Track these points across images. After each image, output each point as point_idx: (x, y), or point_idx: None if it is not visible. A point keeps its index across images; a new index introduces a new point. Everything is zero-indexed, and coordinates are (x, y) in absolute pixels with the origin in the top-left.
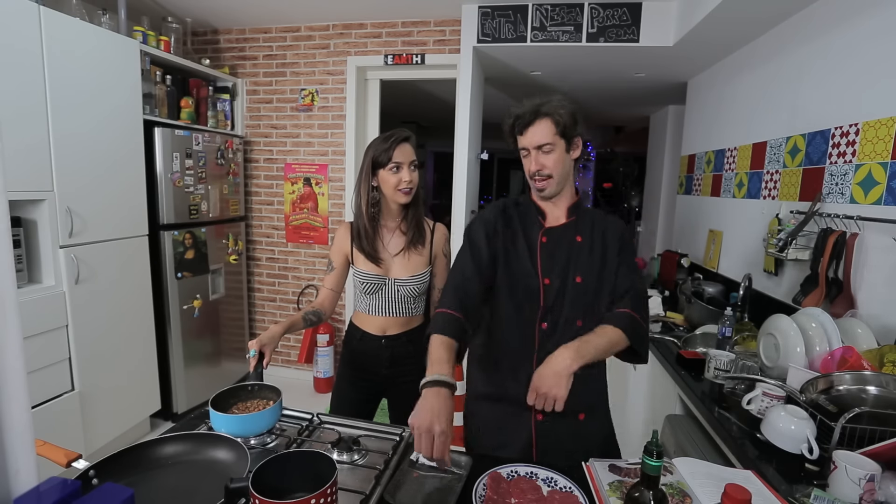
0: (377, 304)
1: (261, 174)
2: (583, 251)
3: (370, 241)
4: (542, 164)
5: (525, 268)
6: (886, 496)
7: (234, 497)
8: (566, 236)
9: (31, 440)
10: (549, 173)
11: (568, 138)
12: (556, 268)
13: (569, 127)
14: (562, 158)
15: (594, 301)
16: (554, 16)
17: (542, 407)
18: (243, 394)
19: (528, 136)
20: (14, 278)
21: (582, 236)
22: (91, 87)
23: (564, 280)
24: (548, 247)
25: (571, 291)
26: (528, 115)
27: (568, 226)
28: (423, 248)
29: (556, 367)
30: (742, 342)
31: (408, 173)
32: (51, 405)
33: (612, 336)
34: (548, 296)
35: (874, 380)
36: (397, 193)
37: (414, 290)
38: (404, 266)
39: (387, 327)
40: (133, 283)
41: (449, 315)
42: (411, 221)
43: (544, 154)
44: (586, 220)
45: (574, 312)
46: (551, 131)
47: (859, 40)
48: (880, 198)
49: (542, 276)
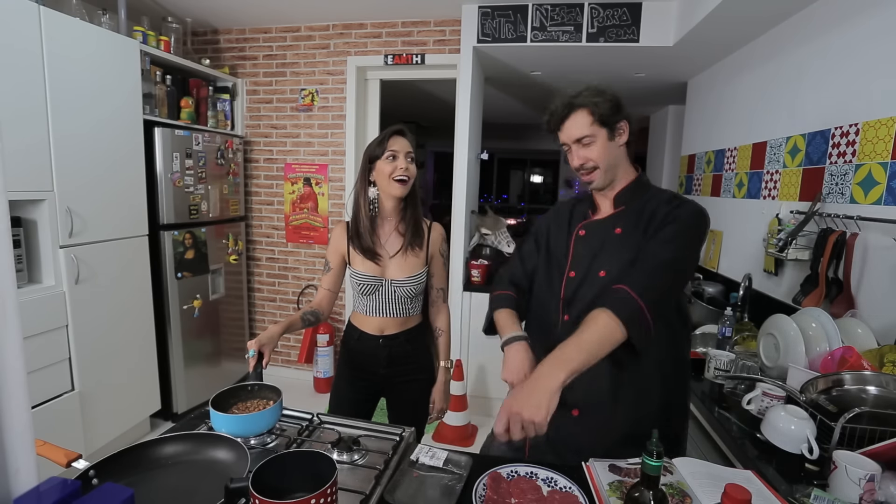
0: (374, 304)
1: (261, 174)
2: (616, 244)
3: (369, 239)
4: (584, 157)
5: (558, 261)
6: (886, 496)
7: (234, 497)
8: (604, 229)
9: (31, 440)
10: (593, 165)
11: (610, 125)
12: (583, 261)
13: (608, 114)
14: (605, 148)
15: None
16: (554, 16)
17: (516, 435)
18: (243, 394)
19: (565, 130)
20: (14, 278)
21: (623, 228)
22: (91, 87)
23: (587, 273)
24: (585, 240)
25: (592, 284)
26: (560, 110)
27: (612, 218)
28: (421, 249)
29: (536, 386)
30: (742, 342)
31: (403, 162)
32: (51, 405)
33: (601, 329)
34: (568, 288)
35: (874, 380)
36: (392, 185)
37: (411, 291)
38: (401, 267)
39: (384, 327)
40: (133, 283)
41: (503, 294)
42: (409, 221)
43: (584, 147)
44: (635, 209)
45: (589, 307)
46: (587, 122)
47: (859, 40)
48: (880, 198)
49: (569, 268)
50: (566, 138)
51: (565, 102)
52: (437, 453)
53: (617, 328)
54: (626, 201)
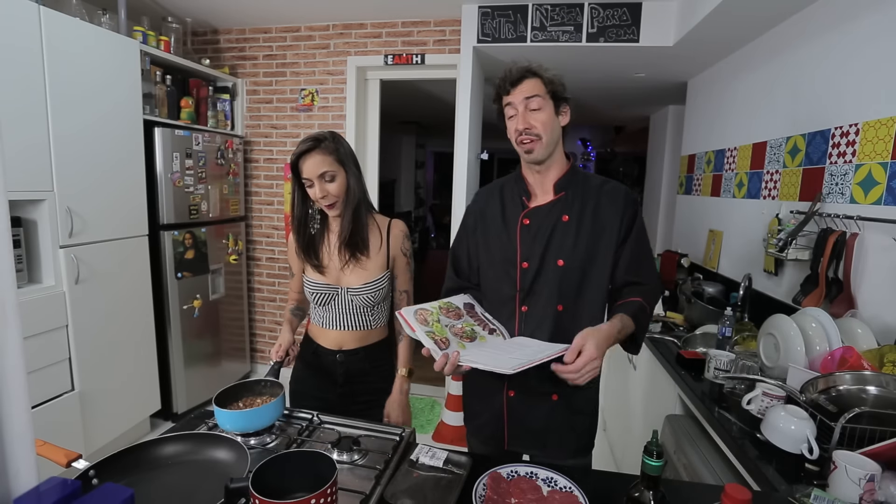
0: (331, 315)
1: (261, 174)
2: (568, 232)
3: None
4: (529, 122)
5: (505, 251)
6: (886, 496)
7: (234, 497)
8: (551, 216)
9: (31, 440)
10: (537, 133)
11: (557, 101)
12: (535, 250)
13: (558, 91)
14: (551, 120)
15: (580, 285)
16: (554, 16)
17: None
18: (244, 391)
19: (517, 91)
20: (14, 278)
21: (569, 215)
22: (91, 87)
23: (543, 263)
24: (530, 229)
25: (551, 275)
26: (515, 73)
27: (554, 204)
28: (376, 251)
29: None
30: (742, 342)
31: (320, 189)
32: (51, 405)
33: (626, 324)
34: (524, 279)
35: (874, 380)
36: (324, 207)
37: (369, 299)
38: (357, 273)
39: (342, 342)
40: (133, 283)
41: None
42: (346, 229)
43: (532, 112)
44: (576, 195)
45: (553, 296)
46: (541, 88)
47: (859, 40)
48: (880, 198)
49: (520, 259)
50: (515, 97)
51: (521, 67)
52: (437, 453)
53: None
54: (566, 187)
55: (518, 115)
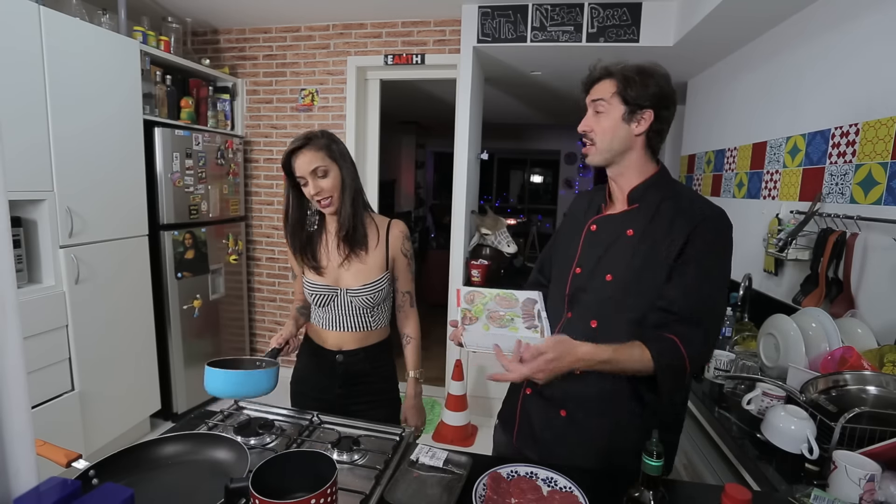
0: (330, 316)
1: (261, 174)
2: (627, 247)
3: (311, 253)
4: (588, 125)
5: (569, 252)
6: (886, 496)
7: (234, 497)
8: (616, 228)
9: (31, 440)
10: (592, 138)
11: (631, 106)
12: (591, 259)
13: (635, 94)
14: (613, 125)
15: (621, 303)
16: (554, 16)
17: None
18: (238, 366)
19: (590, 93)
20: (14, 278)
21: (635, 230)
22: (91, 87)
23: (593, 273)
24: (596, 236)
25: (596, 287)
26: (596, 72)
27: (625, 216)
28: (374, 251)
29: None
30: (742, 342)
31: (313, 185)
32: (51, 405)
33: (636, 364)
34: (574, 284)
35: (874, 380)
36: (318, 205)
37: (368, 301)
38: (356, 274)
39: (342, 342)
40: (133, 283)
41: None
42: (344, 226)
43: (596, 115)
44: (649, 209)
45: (590, 310)
46: (610, 91)
47: (859, 40)
48: (880, 198)
49: (576, 263)
50: (588, 99)
51: (603, 66)
52: (437, 453)
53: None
54: (639, 199)
55: (585, 116)
